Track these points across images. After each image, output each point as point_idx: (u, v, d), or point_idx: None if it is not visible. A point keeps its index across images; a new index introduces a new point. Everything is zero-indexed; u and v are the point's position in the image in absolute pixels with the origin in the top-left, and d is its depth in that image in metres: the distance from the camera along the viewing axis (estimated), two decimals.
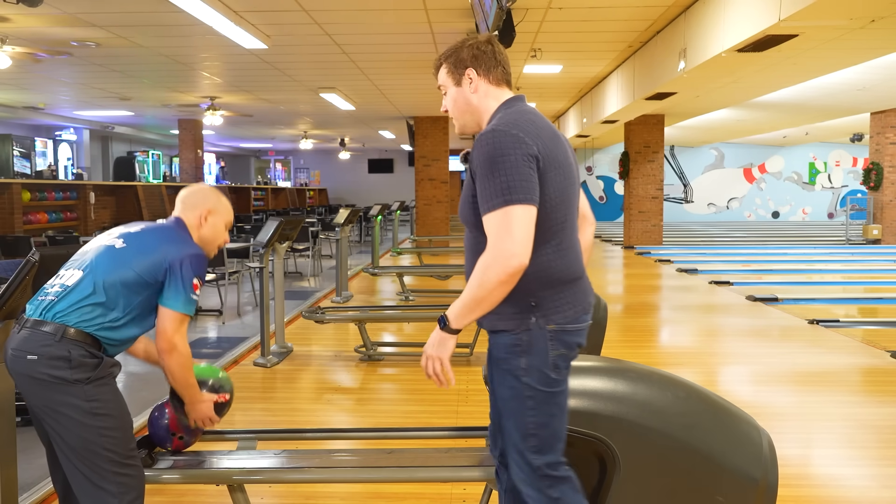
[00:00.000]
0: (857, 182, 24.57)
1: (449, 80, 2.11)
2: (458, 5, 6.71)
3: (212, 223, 2.45)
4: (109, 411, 2.14)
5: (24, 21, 7.33)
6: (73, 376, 2.09)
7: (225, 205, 2.51)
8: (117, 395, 2.20)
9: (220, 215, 2.47)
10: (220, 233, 2.49)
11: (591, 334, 4.83)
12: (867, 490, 3.28)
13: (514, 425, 1.96)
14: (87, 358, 2.12)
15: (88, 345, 2.14)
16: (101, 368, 2.15)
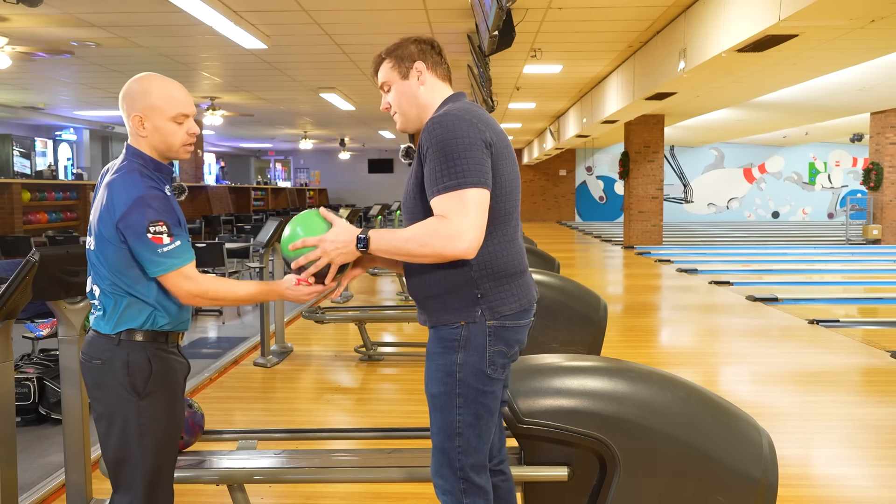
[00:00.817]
0: (857, 182, 24.56)
1: (394, 74, 2.04)
2: (458, 5, 6.71)
3: (152, 128, 1.99)
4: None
5: (24, 21, 7.33)
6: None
7: (160, 93, 2.00)
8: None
9: (157, 112, 1.99)
10: (172, 132, 2.00)
11: (591, 334, 4.82)
12: (867, 490, 3.28)
13: (441, 424, 1.93)
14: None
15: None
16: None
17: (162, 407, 2.02)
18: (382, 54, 2.08)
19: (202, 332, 6.86)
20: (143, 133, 2.00)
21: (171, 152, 2.03)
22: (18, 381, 4.00)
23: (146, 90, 1.99)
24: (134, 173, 1.97)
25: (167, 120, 1.99)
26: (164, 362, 2.02)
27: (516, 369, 2.21)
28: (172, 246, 1.92)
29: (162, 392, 2.01)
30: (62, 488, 3.07)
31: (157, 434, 2.01)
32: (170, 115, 1.99)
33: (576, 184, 26.76)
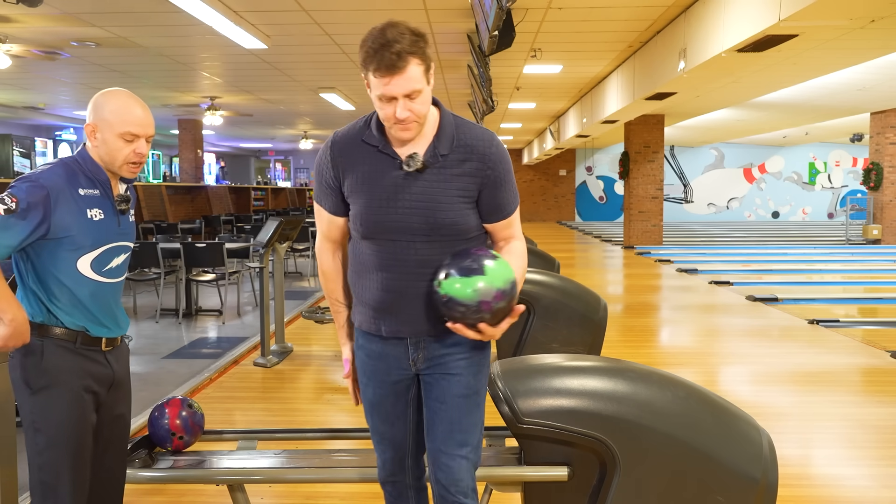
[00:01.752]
0: (857, 182, 24.56)
1: (424, 79, 1.80)
2: (458, 5, 6.71)
3: (101, 139, 2.03)
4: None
5: (24, 21, 7.34)
6: None
7: (114, 109, 2.03)
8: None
9: (107, 126, 2.02)
10: (115, 149, 2.02)
11: (591, 334, 4.81)
12: (867, 490, 3.28)
13: (477, 421, 2.04)
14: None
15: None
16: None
17: (55, 406, 1.97)
18: (408, 49, 1.75)
19: (202, 332, 6.86)
20: (94, 143, 2.05)
21: (113, 167, 2.06)
22: None
23: (103, 104, 2.04)
24: (60, 165, 2.03)
25: (115, 135, 2.02)
26: (63, 360, 1.99)
27: (516, 369, 2.21)
28: (2, 219, 1.88)
29: (56, 391, 1.97)
30: None
31: (49, 434, 1.98)
32: (118, 132, 2.02)
33: (576, 184, 26.76)
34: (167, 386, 4.85)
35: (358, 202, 1.92)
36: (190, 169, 16.66)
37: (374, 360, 2.01)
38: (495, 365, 2.25)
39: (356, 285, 2.00)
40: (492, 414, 2.15)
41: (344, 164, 1.94)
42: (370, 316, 1.97)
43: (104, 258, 2.06)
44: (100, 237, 2.04)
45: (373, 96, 1.83)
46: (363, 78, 1.84)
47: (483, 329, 1.84)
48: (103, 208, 2.05)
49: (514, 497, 2.95)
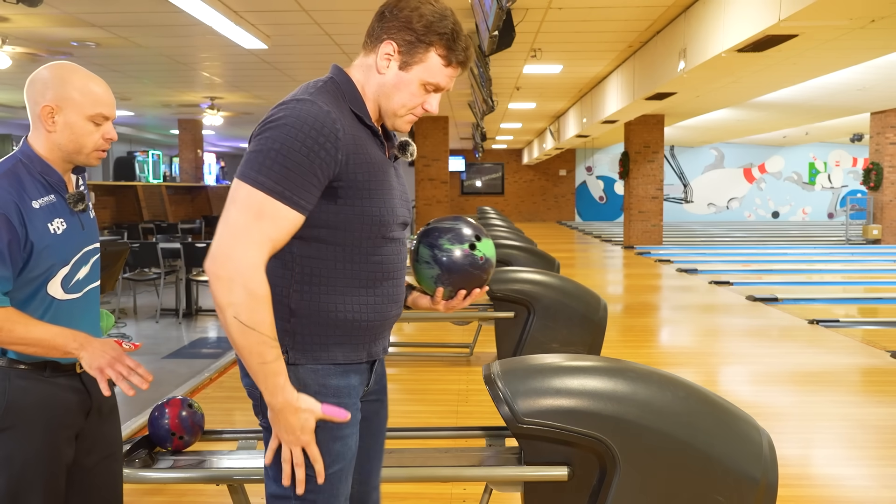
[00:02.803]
0: (857, 182, 24.57)
1: None
2: (458, 5, 6.71)
3: (63, 123, 1.71)
4: None
5: (24, 21, 7.34)
6: None
7: (81, 87, 1.71)
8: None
9: (74, 106, 1.70)
10: (84, 133, 1.72)
11: (591, 334, 4.81)
12: (867, 490, 3.28)
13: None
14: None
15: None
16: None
17: (21, 447, 1.72)
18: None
19: (202, 332, 6.86)
20: (51, 128, 1.71)
21: (79, 155, 1.74)
22: None
23: (63, 80, 1.70)
24: (4, 174, 1.69)
25: (83, 118, 1.71)
26: (30, 394, 1.72)
27: (516, 369, 2.21)
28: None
29: (23, 429, 1.72)
30: None
31: (9, 476, 1.72)
32: (88, 114, 1.71)
33: (576, 184, 26.76)
34: (167, 386, 4.85)
35: (378, 196, 1.56)
36: (190, 169, 16.66)
37: (354, 399, 1.62)
38: (495, 365, 2.25)
39: (350, 301, 1.57)
40: (492, 414, 2.15)
41: (348, 150, 1.51)
42: (362, 340, 1.61)
43: (72, 273, 1.77)
44: (67, 252, 1.74)
45: (412, 77, 1.57)
46: (404, 45, 1.56)
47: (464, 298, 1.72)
48: (63, 216, 1.74)
49: (514, 497, 2.95)
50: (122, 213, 13.53)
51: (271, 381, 1.46)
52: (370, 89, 1.61)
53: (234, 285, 1.41)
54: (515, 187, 27.12)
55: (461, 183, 27.15)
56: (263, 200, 1.44)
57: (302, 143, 1.45)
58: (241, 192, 1.45)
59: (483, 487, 2.37)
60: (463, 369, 5.24)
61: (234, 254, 1.42)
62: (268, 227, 1.44)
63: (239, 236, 1.43)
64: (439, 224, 1.73)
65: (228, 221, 1.45)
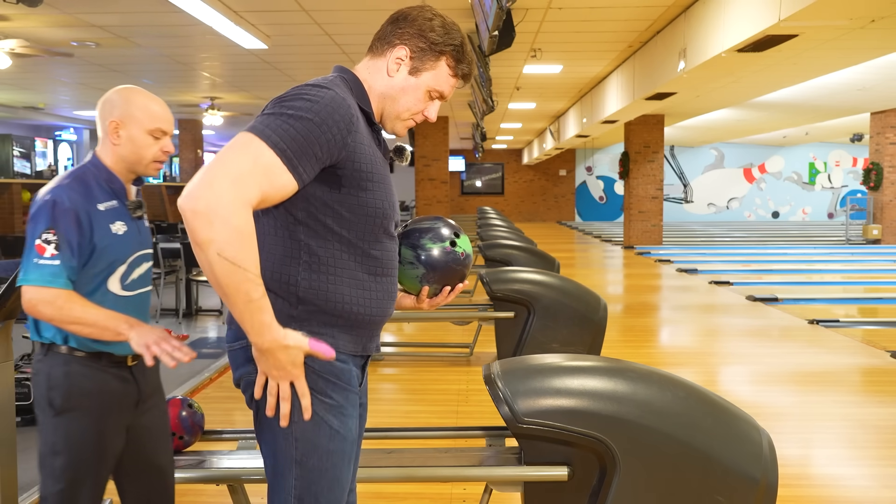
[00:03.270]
0: (857, 182, 24.57)
1: None
2: (458, 5, 6.71)
3: (126, 137, 1.93)
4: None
5: (24, 21, 7.34)
6: None
7: (142, 105, 1.94)
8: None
9: (135, 122, 1.93)
10: (144, 146, 1.94)
11: (591, 334, 4.81)
12: (867, 490, 3.28)
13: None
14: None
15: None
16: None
17: (77, 429, 1.89)
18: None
19: (202, 332, 6.86)
20: (116, 141, 1.94)
21: (139, 166, 1.97)
22: (18, 381, 4.00)
23: (128, 99, 1.95)
24: (73, 178, 1.91)
25: (144, 132, 1.94)
26: (88, 381, 1.90)
27: (516, 369, 2.21)
28: (47, 260, 1.80)
29: (80, 412, 1.89)
30: None
31: (70, 456, 1.89)
32: (148, 128, 1.94)
33: (576, 184, 26.77)
34: (167, 386, 4.82)
35: (380, 189, 1.59)
36: (190, 169, 16.66)
37: (354, 386, 1.63)
38: (495, 365, 2.25)
39: (356, 294, 1.58)
40: (492, 414, 2.15)
41: (357, 139, 1.53)
42: (361, 333, 1.62)
43: (128, 272, 1.97)
44: (125, 252, 1.95)
45: (420, 82, 1.63)
46: (417, 52, 1.62)
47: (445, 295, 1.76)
48: (124, 219, 1.96)
49: (514, 497, 2.96)
50: None
51: (257, 320, 1.41)
52: (376, 90, 1.65)
53: (215, 219, 1.33)
54: (515, 187, 27.13)
55: (461, 183, 27.15)
56: (264, 150, 1.41)
57: (317, 114, 1.45)
58: (243, 138, 1.42)
59: (483, 487, 2.37)
60: (463, 369, 5.24)
61: (218, 187, 1.34)
62: (261, 175, 1.40)
63: (228, 173, 1.36)
64: (418, 225, 1.77)
65: (219, 158, 1.39)
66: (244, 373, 1.58)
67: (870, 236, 15.59)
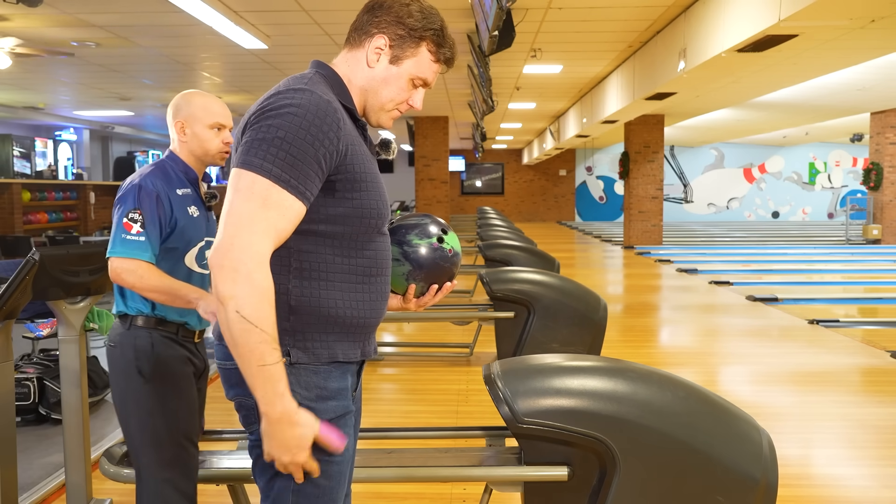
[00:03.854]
0: (857, 182, 24.57)
1: None
2: (458, 5, 6.71)
3: (192, 134, 2.23)
4: None
5: (24, 21, 7.34)
6: None
7: (200, 105, 2.23)
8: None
9: (196, 120, 2.22)
10: (206, 139, 2.23)
11: (591, 334, 4.80)
12: (867, 490, 3.28)
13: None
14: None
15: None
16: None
17: (169, 392, 2.15)
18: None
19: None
20: (184, 138, 2.23)
21: (207, 157, 2.25)
22: (18, 381, 4.00)
23: (189, 101, 2.24)
24: (156, 168, 2.21)
25: (205, 127, 2.22)
26: (171, 349, 2.17)
27: (516, 369, 2.21)
28: (133, 236, 2.08)
29: (169, 377, 2.16)
30: (62, 488, 3.07)
31: (167, 419, 2.15)
32: (208, 123, 2.22)
33: (576, 184, 26.76)
34: None
35: (373, 188, 1.54)
36: None
37: (349, 401, 1.61)
38: (495, 365, 2.25)
39: (349, 297, 1.53)
40: (492, 414, 2.15)
41: (348, 140, 1.49)
42: (358, 338, 1.58)
43: (201, 253, 2.24)
44: (198, 233, 2.23)
45: (402, 71, 1.58)
46: (396, 40, 1.57)
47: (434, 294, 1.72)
48: (197, 205, 2.24)
49: (514, 497, 2.96)
50: None
51: (270, 388, 1.36)
52: (357, 83, 1.60)
53: (238, 276, 1.33)
54: (515, 187, 27.13)
55: (461, 183, 27.14)
56: (269, 188, 1.38)
57: (307, 131, 1.41)
58: (245, 180, 1.39)
59: (483, 487, 2.37)
60: (463, 369, 5.24)
61: (239, 243, 1.34)
62: (274, 216, 1.38)
63: (244, 225, 1.36)
64: (404, 221, 1.72)
65: (233, 211, 1.37)
66: (238, 393, 1.53)
67: (870, 236, 15.59)
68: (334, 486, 1.55)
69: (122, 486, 2.94)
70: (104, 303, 3.27)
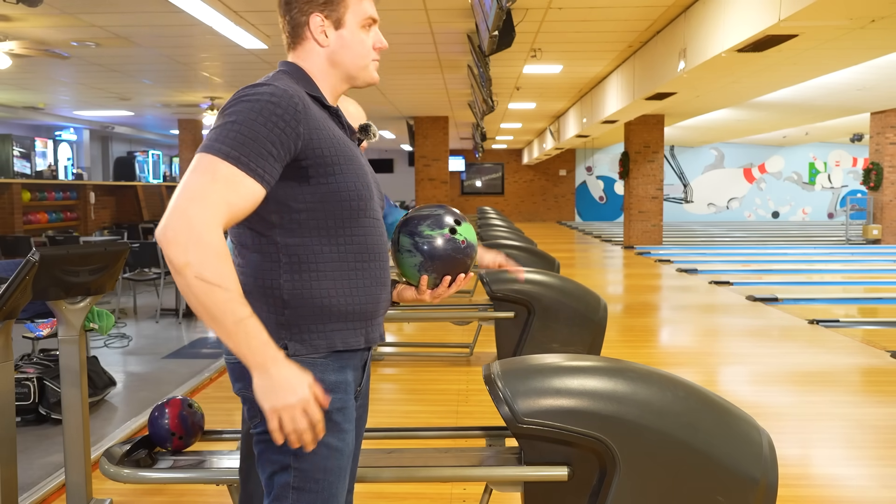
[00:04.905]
0: (857, 182, 24.57)
1: None
2: (458, 5, 6.71)
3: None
4: None
5: (24, 21, 7.34)
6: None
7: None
8: None
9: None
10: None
11: (591, 334, 4.80)
12: (867, 490, 3.28)
13: None
14: None
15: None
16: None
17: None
18: None
19: (202, 331, 6.85)
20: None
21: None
22: (18, 381, 4.00)
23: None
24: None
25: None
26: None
27: (516, 369, 2.21)
28: None
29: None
30: (62, 488, 3.07)
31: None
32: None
33: (576, 184, 26.76)
34: (167, 386, 4.84)
35: (350, 171, 1.54)
36: None
37: (350, 396, 1.60)
38: (495, 365, 2.25)
39: (341, 285, 1.54)
40: (492, 414, 2.15)
41: (311, 125, 1.49)
42: (357, 325, 1.57)
43: None
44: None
45: (350, 28, 1.62)
46: (324, 9, 1.64)
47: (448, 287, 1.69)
48: None
49: (514, 497, 2.96)
50: (122, 213, 13.54)
51: (254, 339, 1.35)
52: (319, 68, 1.63)
53: (189, 243, 1.31)
54: (515, 187, 27.13)
55: (461, 183, 27.14)
56: (218, 164, 1.38)
57: (259, 113, 1.42)
58: (198, 160, 1.40)
59: (483, 487, 2.37)
60: (463, 369, 5.24)
61: (188, 213, 1.33)
62: (223, 189, 1.37)
63: (194, 198, 1.35)
64: (418, 212, 1.71)
65: (183, 186, 1.38)
66: (243, 386, 1.56)
67: (870, 236, 15.59)
68: (334, 480, 1.56)
69: (122, 486, 2.94)
70: (104, 303, 3.28)
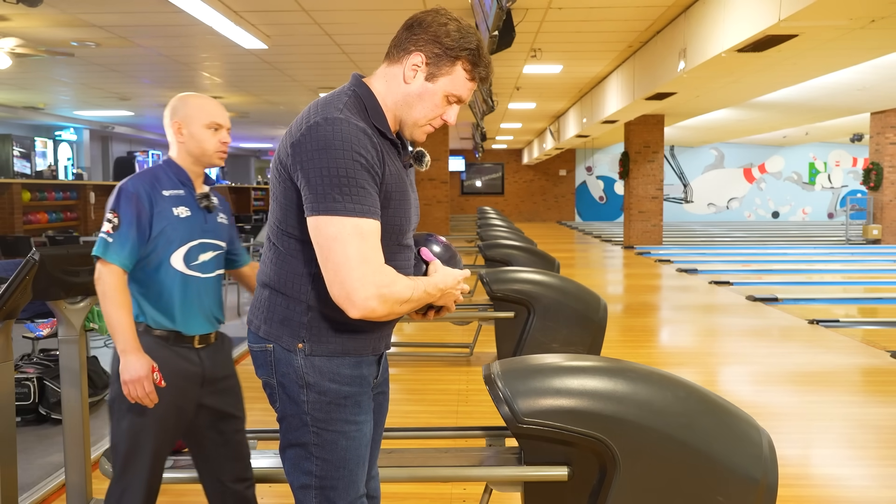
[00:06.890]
0: (857, 182, 24.57)
1: None
2: (458, 5, 6.71)
3: (188, 134, 2.20)
4: None
5: (24, 21, 7.34)
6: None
7: (196, 105, 2.22)
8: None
9: (193, 120, 2.20)
10: (204, 139, 2.20)
11: (591, 334, 4.80)
12: (867, 490, 3.28)
13: None
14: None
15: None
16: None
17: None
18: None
19: None
20: (181, 139, 2.21)
21: (205, 157, 2.22)
22: (18, 381, 4.00)
23: (185, 102, 2.23)
24: (144, 171, 2.20)
25: (202, 127, 2.20)
26: (154, 354, 2.12)
27: (516, 369, 2.21)
28: (109, 238, 2.08)
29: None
30: (62, 488, 3.07)
31: (132, 420, 2.18)
32: (204, 123, 2.20)
33: (576, 184, 26.77)
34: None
35: (399, 206, 1.65)
36: None
37: (366, 388, 1.73)
38: (495, 365, 2.25)
39: None
40: (492, 414, 2.15)
41: (382, 162, 1.60)
42: (369, 338, 1.72)
43: (192, 253, 2.19)
44: (186, 234, 2.18)
45: (437, 88, 1.64)
46: (432, 58, 1.63)
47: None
48: (188, 206, 2.20)
49: (514, 497, 2.96)
50: None
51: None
52: (392, 99, 1.66)
53: (385, 303, 1.53)
54: (515, 187, 27.13)
55: (461, 183, 27.15)
56: (358, 223, 1.52)
57: (355, 160, 1.53)
58: (333, 228, 1.52)
59: (483, 487, 2.37)
60: (463, 369, 5.24)
61: (368, 281, 1.51)
62: (372, 241, 1.54)
63: (356, 266, 1.51)
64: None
65: (340, 259, 1.51)
66: (264, 373, 1.71)
67: (870, 236, 15.58)
68: (353, 468, 1.71)
69: None
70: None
